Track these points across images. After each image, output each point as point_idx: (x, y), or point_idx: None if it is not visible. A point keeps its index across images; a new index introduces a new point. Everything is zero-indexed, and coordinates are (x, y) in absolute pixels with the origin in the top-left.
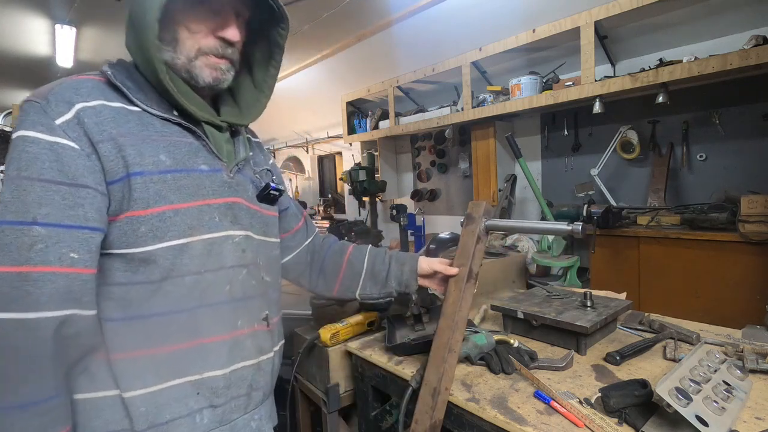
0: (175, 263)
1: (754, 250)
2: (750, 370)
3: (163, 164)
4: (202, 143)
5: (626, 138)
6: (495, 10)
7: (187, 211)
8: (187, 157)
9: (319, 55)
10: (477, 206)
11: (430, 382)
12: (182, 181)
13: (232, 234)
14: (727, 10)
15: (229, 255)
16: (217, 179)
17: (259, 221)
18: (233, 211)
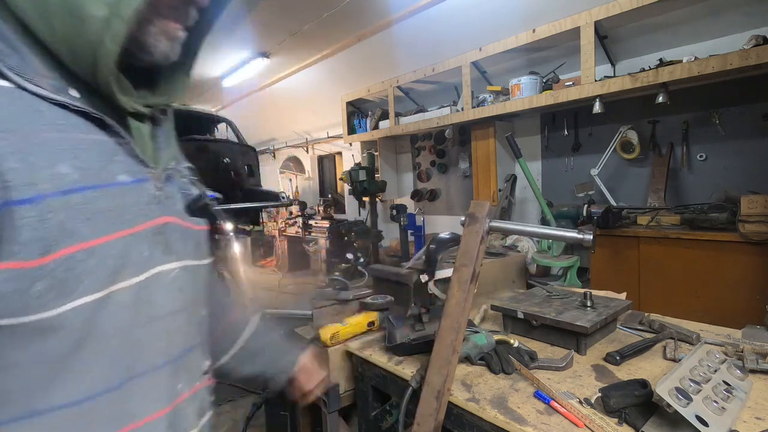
0: (90, 327)
1: (754, 250)
2: (750, 370)
3: (65, 179)
4: (119, 141)
5: (626, 138)
6: (495, 10)
7: (106, 248)
8: (99, 165)
9: (319, 55)
10: (480, 206)
11: (434, 384)
12: (97, 203)
13: (166, 269)
14: (727, 10)
15: (164, 299)
16: (144, 193)
17: (193, 242)
18: (165, 236)
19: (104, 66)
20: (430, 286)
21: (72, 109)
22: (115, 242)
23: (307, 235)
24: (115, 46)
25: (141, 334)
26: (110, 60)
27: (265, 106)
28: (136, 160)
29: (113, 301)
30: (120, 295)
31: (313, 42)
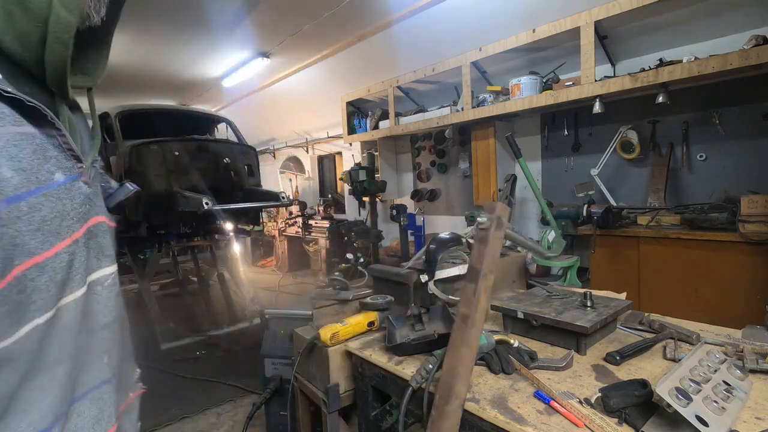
0: (41, 352)
1: (754, 250)
2: (750, 370)
3: (8, 184)
4: (49, 133)
5: (626, 138)
6: (495, 10)
7: (55, 261)
8: (36, 164)
9: (319, 55)
10: (506, 212)
11: (461, 395)
12: (42, 210)
13: (103, 274)
14: (727, 10)
15: (102, 309)
16: (77, 193)
17: (113, 244)
18: (97, 239)
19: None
20: (430, 286)
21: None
22: (61, 254)
23: (307, 235)
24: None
25: (85, 353)
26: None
27: (265, 106)
28: (68, 154)
29: (59, 319)
30: (65, 312)
31: (313, 42)
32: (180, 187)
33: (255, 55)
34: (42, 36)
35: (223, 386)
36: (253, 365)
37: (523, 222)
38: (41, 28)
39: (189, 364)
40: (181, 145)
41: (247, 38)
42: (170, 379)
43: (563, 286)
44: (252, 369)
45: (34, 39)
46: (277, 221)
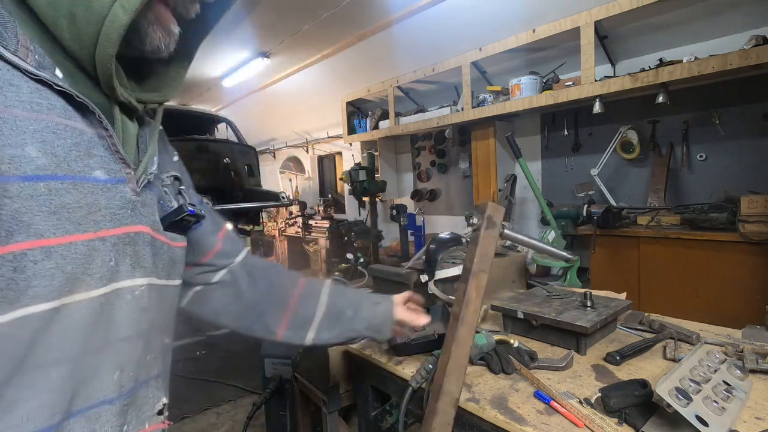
0: (34, 346)
1: (754, 250)
2: (750, 370)
3: (31, 163)
4: (100, 134)
5: (626, 138)
6: (495, 10)
7: (67, 250)
8: (74, 155)
9: (319, 55)
10: (498, 211)
11: (452, 392)
12: (64, 197)
13: (132, 284)
14: (727, 10)
15: (125, 320)
16: (118, 196)
17: (164, 259)
18: (135, 247)
19: (109, 41)
20: (430, 286)
21: (54, 89)
22: (78, 244)
23: (307, 235)
24: (126, 15)
25: (92, 361)
26: (117, 34)
27: (265, 106)
28: (116, 157)
29: (66, 315)
30: (75, 309)
31: (313, 42)
32: None
33: (255, 55)
34: (96, 35)
35: (223, 386)
36: (253, 365)
37: (523, 222)
38: (97, 27)
39: (189, 364)
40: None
41: (247, 38)
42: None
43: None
44: (252, 369)
45: (88, 38)
46: (277, 221)
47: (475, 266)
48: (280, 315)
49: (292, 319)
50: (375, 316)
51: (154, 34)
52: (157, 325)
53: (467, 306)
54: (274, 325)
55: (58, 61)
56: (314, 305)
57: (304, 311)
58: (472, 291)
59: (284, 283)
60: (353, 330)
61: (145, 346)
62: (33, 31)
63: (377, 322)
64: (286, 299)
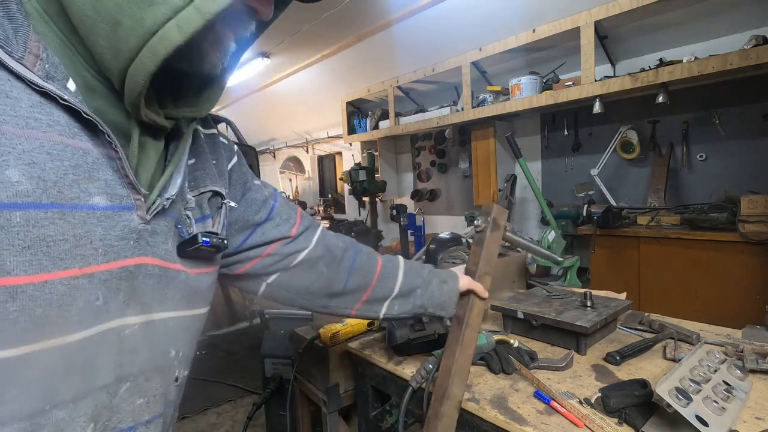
0: None
1: (754, 250)
2: (750, 370)
3: (8, 189)
4: (110, 155)
5: (626, 138)
6: (495, 10)
7: (39, 290)
8: (70, 180)
9: (319, 55)
10: (502, 213)
11: (456, 396)
12: (45, 228)
13: (120, 324)
14: (727, 10)
15: (106, 364)
16: (120, 225)
17: (182, 289)
18: (133, 282)
19: (153, 58)
20: None
21: (60, 103)
22: (55, 283)
23: None
24: (181, 37)
25: (60, 415)
26: (165, 52)
27: (265, 106)
28: (125, 181)
29: (31, 365)
30: (43, 358)
31: (313, 42)
32: None
33: (255, 55)
34: (137, 48)
35: (223, 386)
36: (253, 365)
37: (523, 222)
38: (142, 41)
39: None
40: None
41: None
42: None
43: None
44: (252, 369)
45: (128, 50)
46: None
47: (480, 269)
48: (360, 295)
49: (370, 298)
50: (442, 294)
51: (213, 55)
52: (160, 364)
53: (471, 309)
54: (351, 304)
55: (76, 69)
56: (392, 285)
57: (381, 290)
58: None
59: (365, 264)
60: (421, 306)
61: (133, 391)
62: (54, 34)
63: (442, 300)
64: (367, 280)
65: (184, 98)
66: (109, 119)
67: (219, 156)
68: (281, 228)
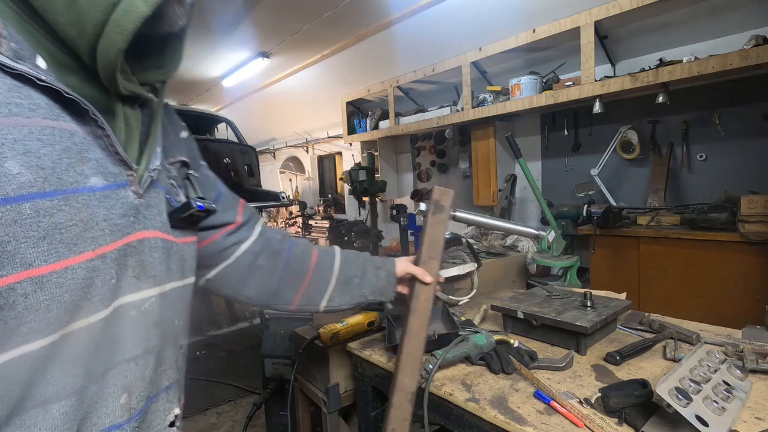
0: (31, 386)
1: (754, 250)
2: (750, 370)
3: (12, 181)
4: (95, 132)
5: (626, 138)
6: (495, 10)
7: (63, 276)
8: (65, 164)
9: (319, 55)
10: (445, 194)
11: (407, 386)
12: (55, 217)
13: (138, 298)
14: (727, 10)
15: (131, 338)
16: (119, 203)
17: (177, 259)
18: (140, 256)
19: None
20: None
21: (38, 84)
22: (75, 268)
23: (307, 235)
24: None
25: (96, 389)
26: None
27: (265, 106)
28: (115, 158)
29: (65, 347)
30: (75, 339)
31: (313, 42)
32: None
33: (255, 55)
34: (101, 23)
35: (223, 386)
36: (253, 365)
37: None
38: (104, 14)
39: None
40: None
41: (247, 38)
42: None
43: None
44: (252, 369)
45: (91, 26)
46: (277, 221)
47: (424, 253)
48: (298, 287)
49: (308, 290)
50: (379, 280)
51: (174, 14)
52: (171, 333)
53: (417, 296)
54: (291, 297)
55: (41, 45)
56: (329, 275)
57: (319, 282)
58: None
59: (300, 256)
60: (360, 295)
61: (156, 361)
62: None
63: (381, 285)
64: (304, 271)
65: (147, 59)
66: (86, 95)
67: (175, 126)
68: (228, 214)
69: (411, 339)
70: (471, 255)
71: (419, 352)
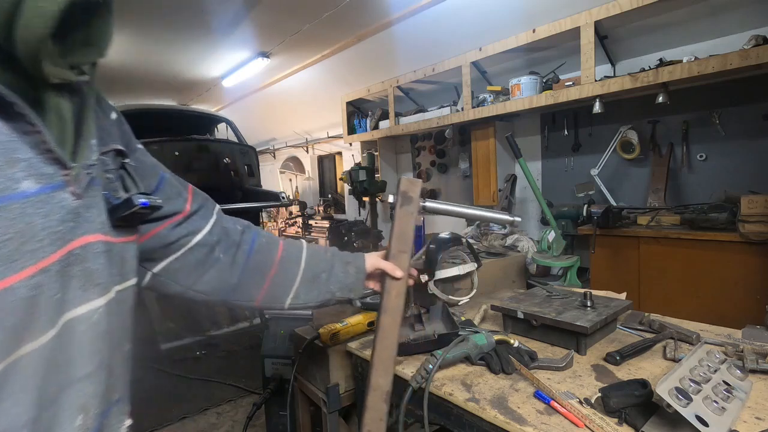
0: None
1: (754, 250)
2: (750, 370)
3: None
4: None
5: (626, 138)
6: (495, 10)
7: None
8: None
9: (319, 55)
10: (413, 185)
11: (381, 386)
12: None
13: (86, 311)
14: (727, 10)
15: (82, 354)
16: (57, 207)
17: (117, 261)
18: (85, 264)
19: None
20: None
21: None
22: (17, 287)
23: (307, 235)
24: None
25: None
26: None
27: (265, 106)
28: (48, 157)
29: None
30: (24, 365)
31: (313, 42)
32: None
33: (255, 55)
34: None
35: (223, 386)
36: (253, 365)
37: (523, 222)
38: None
39: (189, 364)
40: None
41: (247, 38)
42: (170, 379)
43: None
44: (252, 369)
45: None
46: (277, 221)
47: (393, 247)
48: (261, 282)
49: (272, 286)
50: (347, 276)
51: None
52: (117, 341)
53: (389, 292)
54: (253, 293)
55: None
56: (295, 271)
57: (284, 277)
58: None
59: (264, 249)
60: (328, 292)
61: (108, 373)
62: None
63: (349, 282)
64: (267, 265)
65: (71, 35)
66: (8, 86)
67: (105, 108)
68: (174, 202)
69: (383, 338)
70: (471, 255)
71: (392, 351)
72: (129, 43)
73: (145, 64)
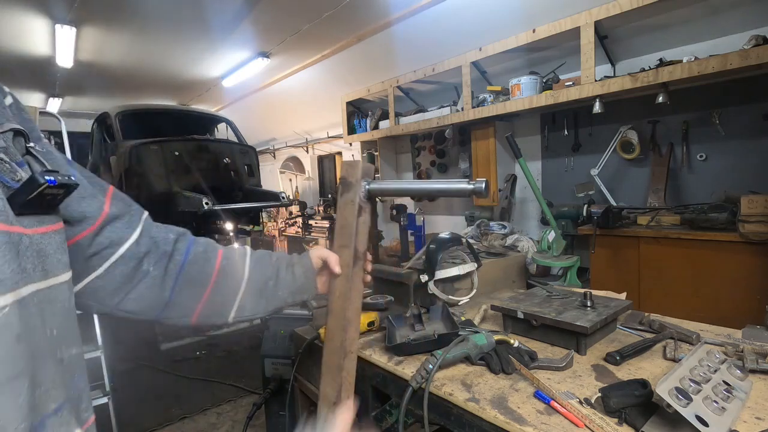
0: None
1: (754, 250)
2: (750, 370)
3: None
4: None
5: (626, 138)
6: (495, 10)
7: None
8: None
9: (319, 55)
10: (352, 168)
11: (328, 396)
12: None
13: None
14: (727, 10)
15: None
16: None
17: (31, 255)
18: None
19: None
20: (430, 286)
21: None
22: None
23: (307, 235)
24: None
25: None
26: None
27: (265, 106)
28: None
29: None
30: None
31: (313, 42)
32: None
33: (255, 55)
34: None
35: (223, 386)
36: (253, 365)
37: (523, 222)
38: None
39: (189, 364)
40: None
41: (247, 38)
42: (170, 379)
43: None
44: (252, 369)
45: None
46: (277, 221)
47: (336, 242)
48: (198, 295)
49: (211, 299)
50: (295, 279)
51: None
52: (45, 347)
53: (333, 292)
54: (189, 308)
55: None
56: (238, 280)
57: (225, 288)
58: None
59: (201, 258)
60: (277, 299)
61: (32, 384)
62: None
63: (299, 284)
64: (205, 276)
65: None
66: None
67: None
68: (87, 206)
69: (327, 343)
70: (471, 255)
71: (338, 357)
72: (129, 43)
73: (145, 64)
